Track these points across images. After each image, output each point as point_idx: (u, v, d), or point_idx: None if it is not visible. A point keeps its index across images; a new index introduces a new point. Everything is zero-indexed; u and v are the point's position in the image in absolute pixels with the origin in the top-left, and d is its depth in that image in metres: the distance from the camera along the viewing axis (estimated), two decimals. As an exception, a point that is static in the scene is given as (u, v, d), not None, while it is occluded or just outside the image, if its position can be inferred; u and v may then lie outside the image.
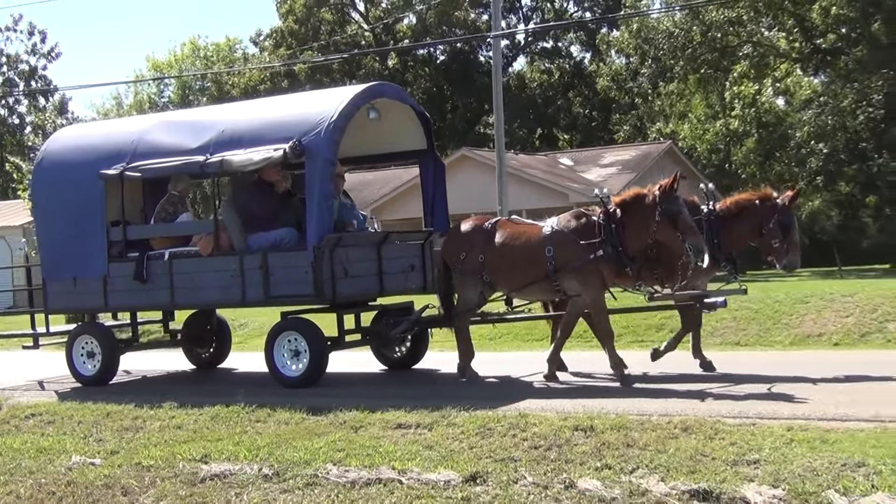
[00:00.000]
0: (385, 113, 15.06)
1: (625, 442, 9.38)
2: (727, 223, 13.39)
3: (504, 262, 13.57)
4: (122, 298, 15.27)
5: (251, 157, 13.97)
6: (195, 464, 10.16)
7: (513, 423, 10.35)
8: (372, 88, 14.83)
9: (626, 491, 8.21)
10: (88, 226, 15.15)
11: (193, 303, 15.52)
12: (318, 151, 13.60)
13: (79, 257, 15.22)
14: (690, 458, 8.81)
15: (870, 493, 7.51)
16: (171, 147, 14.88)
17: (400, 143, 16.01)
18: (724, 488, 7.97)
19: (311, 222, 13.63)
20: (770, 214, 13.13)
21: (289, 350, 14.09)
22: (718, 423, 9.68)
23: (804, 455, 8.50)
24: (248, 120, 14.87)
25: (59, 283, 15.64)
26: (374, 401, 11.87)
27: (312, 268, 13.54)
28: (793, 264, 13.34)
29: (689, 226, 12.40)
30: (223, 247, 14.45)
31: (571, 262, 12.97)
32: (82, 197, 15.23)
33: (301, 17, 64.04)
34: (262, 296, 14.08)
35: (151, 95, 76.79)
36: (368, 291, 14.67)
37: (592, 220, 13.10)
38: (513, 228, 13.84)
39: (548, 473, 8.82)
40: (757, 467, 8.41)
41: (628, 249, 12.84)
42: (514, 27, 68.06)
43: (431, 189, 15.72)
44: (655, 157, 45.48)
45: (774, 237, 13.11)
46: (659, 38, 45.90)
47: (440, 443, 10.10)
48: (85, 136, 16.67)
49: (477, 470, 9.02)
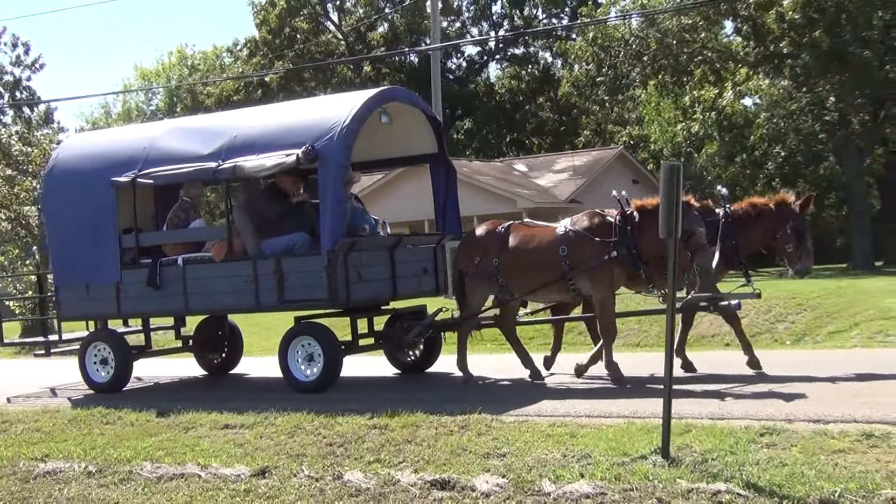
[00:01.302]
0: (396, 117, 14.97)
1: (407, 438, 10.18)
2: (742, 226, 13.22)
3: (519, 265, 13.44)
4: (136, 305, 15.07)
5: (264, 163, 13.81)
6: (34, 462, 10.89)
7: (322, 423, 11.13)
8: (384, 92, 14.70)
9: (382, 481, 8.98)
10: (101, 233, 14.98)
11: (207, 308, 15.30)
12: (332, 156, 13.44)
13: (91, 264, 15.05)
14: (452, 451, 9.58)
15: (576, 480, 8.29)
16: (183, 153, 14.70)
17: (411, 147, 15.86)
18: (459, 478, 8.73)
19: (324, 227, 13.46)
20: (785, 219, 13.02)
21: (303, 355, 13.87)
22: (494, 421, 10.48)
23: (547, 448, 9.29)
24: (259, 126, 14.71)
25: (71, 291, 15.49)
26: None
27: (327, 272, 13.37)
28: (805, 269, 13.24)
29: (700, 245, 12.30)
30: (236, 252, 14.25)
31: (586, 261, 12.88)
32: (94, 204, 15.05)
33: (275, 28, 63.58)
34: (277, 301, 13.92)
35: (139, 104, 76.25)
36: (382, 295, 14.53)
37: (608, 221, 13.02)
38: (526, 231, 13.73)
39: (326, 468, 9.56)
40: (503, 459, 9.17)
41: (643, 253, 12.73)
42: (485, 34, 68.00)
43: (443, 193, 15.58)
44: (606, 162, 45.68)
45: (788, 242, 12.99)
46: (615, 45, 45.88)
47: (251, 441, 10.80)
48: (96, 144, 16.47)
49: (267, 465, 9.78)
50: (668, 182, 8.63)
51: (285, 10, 63.25)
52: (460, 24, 68.88)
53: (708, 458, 8.48)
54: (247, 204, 14.60)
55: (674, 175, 8.62)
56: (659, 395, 9.08)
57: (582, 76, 52.84)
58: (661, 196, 8.83)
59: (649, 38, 44.34)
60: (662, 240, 12.06)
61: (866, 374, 12.13)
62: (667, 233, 8.82)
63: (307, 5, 64.89)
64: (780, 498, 7.49)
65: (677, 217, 8.70)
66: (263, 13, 64.27)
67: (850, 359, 13.75)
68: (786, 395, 10.98)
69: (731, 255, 13.25)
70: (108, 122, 74.44)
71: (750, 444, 8.80)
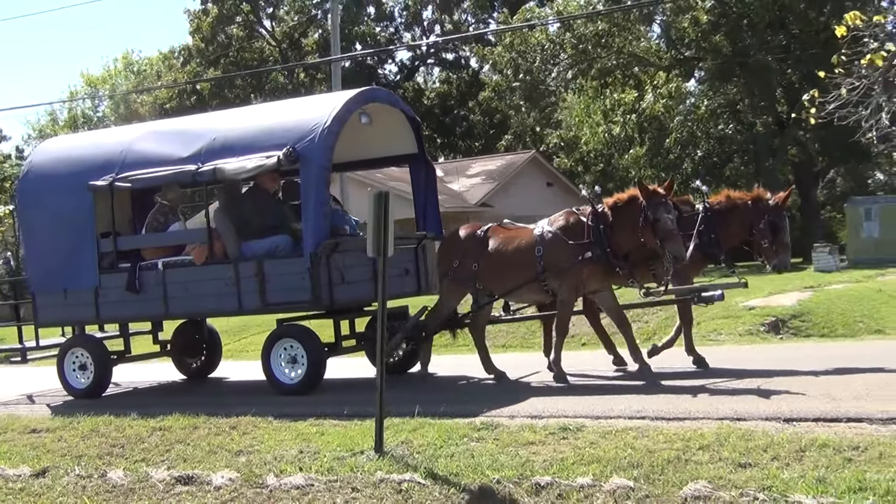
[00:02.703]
0: (376, 117, 14.82)
1: (181, 438, 10.93)
2: (720, 220, 13.09)
3: (497, 266, 13.35)
4: (115, 309, 14.68)
5: (244, 165, 13.55)
6: None
7: (117, 425, 11.75)
8: (364, 93, 14.48)
9: (136, 478, 9.80)
10: (78, 237, 14.57)
11: (188, 312, 14.97)
12: (313, 157, 13.22)
13: (69, 269, 14.66)
14: (210, 450, 10.43)
15: (295, 474, 9.23)
16: (162, 156, 14.39)
17: (391, 148, 15.65)
18: (201, 474, 9.64)
19: (307, 228, 13.27)
20: (761, 214, 12.90)
21: (286, 357, 13.59)
22: (262, 422, 11.16)
23: (290, 446, 10.13)
24: (239, 128, 14.47)
25: (48, 297, 15.02)
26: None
27: (310, 274, 13.11)
28: (783, 265, 13.18)
29: (668, 231, 12.10)
30: (217, 255, 13.96)
31: (560, 261, 12.77)
32: (71, 208, 14.64)
33: (207, 36, 62.74)
34: (259, 304, 13.65)
35: (86, 111, 74.86)
36: (364, 297, 14.26)
37: (581, 220, 12.89)
38: (505, 233, 13.64)
39: (97, 467, 10.28)
40: (249, 456, 10.02)
41: (618, 251, 12.60)
42: (417, 39, 67.61)
43: (423, 193, 15.43)
44: (519, 166, 45.97)
45: (765, 237, 12.87)
46: (530, 51, 46.09)
47: (47, 444, 11.44)
48: (71, 148, 15.99)
49: (48, 466, 10.45)
50: (376, 207, 9.85)
51: (217, 17, 62.42)
52: (394, 30, 68.51)
53: (415, 451, 9.43)
54: (227, 206, 14.27)
55: (381, 200, 9.86)
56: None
57: (501, 82, 52.79)
58: (370, 218, 9.93)
59: (565, 43, 44.72)
60: (637, 234, 12.18)
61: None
62: (375, 252, 9.96)
63: (240, 13, 64.16)
64: (451, 485, 8.47)
65: (386, 238, 9.91)
66: (197, 21, 63.39)
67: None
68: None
69: (711, 248, 13.13)
70: (54, 129, 72.77)
71: (463, 438, 9.67)
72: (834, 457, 7.91)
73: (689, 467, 8.07)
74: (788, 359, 13.26)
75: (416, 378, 14.26)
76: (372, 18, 66.72)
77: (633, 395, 11.07)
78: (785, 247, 13.07)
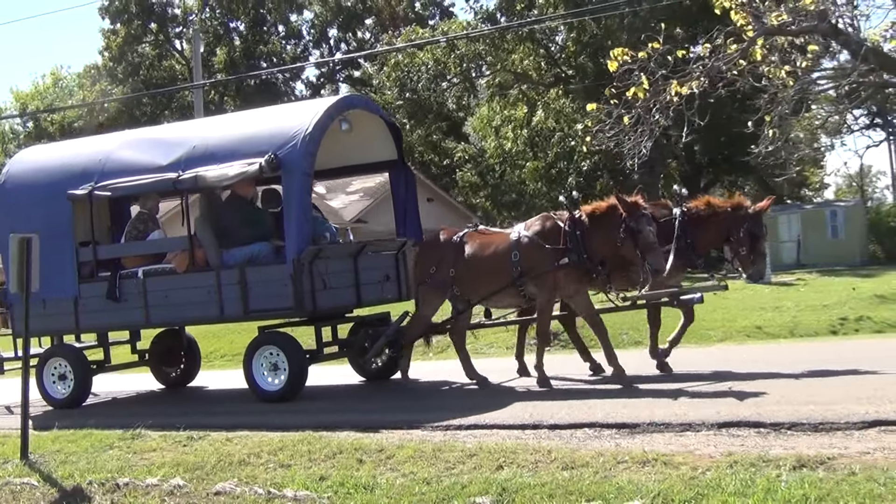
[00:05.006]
0: (356, 124, 14.53)
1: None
2: (698, 225, 12.76)
3: (473, 272, 13.12)
4: (95, 319, 14.29)
5: (226, 172, 13.25)
6: None
7: None
8: (344, 100, 14.40)
9: None
10: (57, 247, 14.05)
11: (170, 321, 14.59)
12: (295, 164, 12.96)
13: (48, 279, 13.88)
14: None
15: None
16: (141, 165, 14.04)
17: (371, 154, 15.42)
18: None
19: (289, 235, 12.98)
20: (740, 222, 12.61)
21: (268, 364, 13.25)
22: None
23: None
24: (219, 135, 14.19)
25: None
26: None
27: (292, 281, 12.80)
28: (758, 274, 12.98)
29: (649, 244, 11.88)
30: (199, 263, 13.61)
31: (536, 266, 12.59)
32: (49, 218, 14.15)
33: (115, 54, 61.88)
34: (241, 311, 13.34)
35: (13, 126, 73.35)
36: (346, 303, 14.01)
37: (558, 226, 12.67)
38: (481, 238, 13.41)
39: None
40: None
41: (594, 257, 12.36)
42: (325, 56, 67.13)
43: (403, 199, 15.24)
44: None
45: (742, 245, 12.57)
46: (414, 71, 46.23)
47: None
48: (49, 157, 15.49)
49: None
50: (19, 252, 11.05)
51: (125, 37, 61.75)
52: (303, 48, 67.87)
53: (62, 459, 10.46)
54: (208, 214, 13.88)
55: (24, 245, 11.09)
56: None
57: (390, 99, 52.54)
58: (12, 262, 11.09)
59: (449, 63, 44.83)
60: (614, 241, 11.84)
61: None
62: (17, 288, 11.23)
63: (148, 33, 63.62)
64: (55, 486, 9.64)
65: (28, 279, 11.16)
66: (107, 40, 62.59)
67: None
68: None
69: (688, 254, 12.80)
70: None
71: (106, 447, 10.73)
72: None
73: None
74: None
75: (399, 385, 13.89)
76: (281, 37, 66.52)
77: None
78: (762, 256, 12.86)
